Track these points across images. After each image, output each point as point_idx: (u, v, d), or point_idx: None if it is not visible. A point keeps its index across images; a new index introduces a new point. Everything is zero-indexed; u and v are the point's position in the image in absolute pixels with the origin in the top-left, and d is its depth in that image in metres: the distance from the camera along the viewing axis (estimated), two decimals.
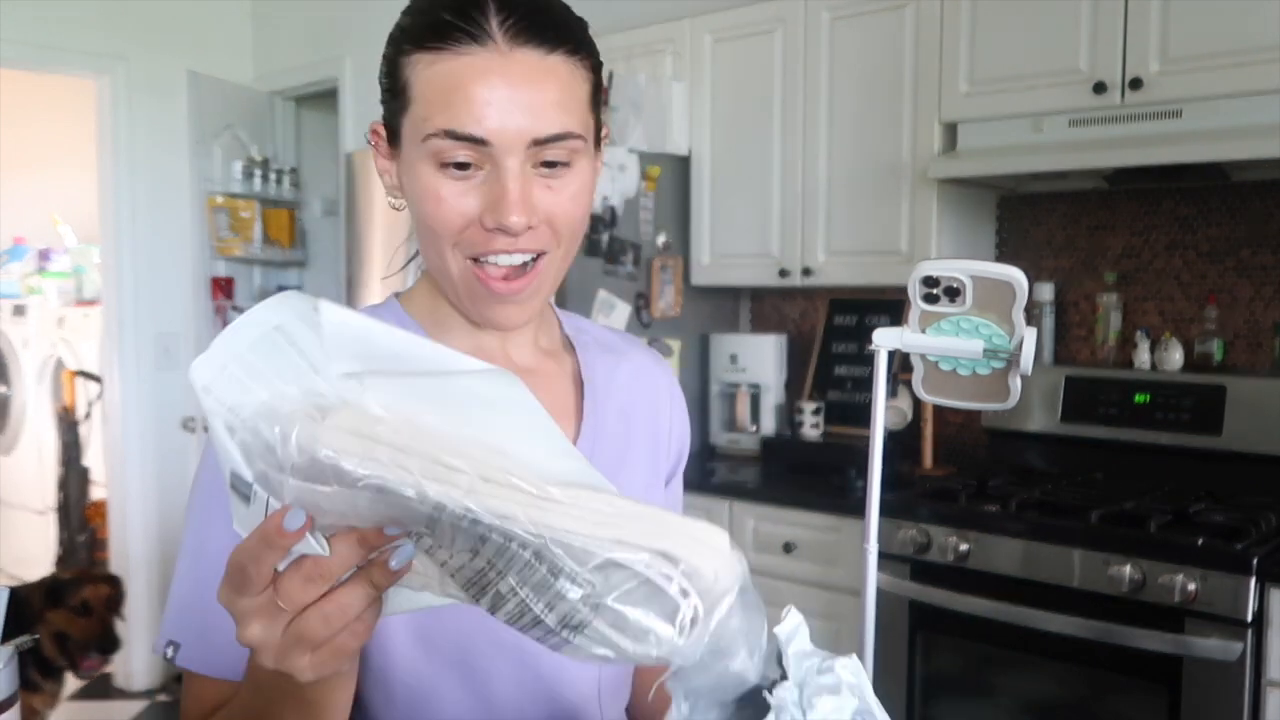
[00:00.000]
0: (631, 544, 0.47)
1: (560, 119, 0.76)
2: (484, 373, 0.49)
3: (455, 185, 0.76)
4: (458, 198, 0.76)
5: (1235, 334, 2.49)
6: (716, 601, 0.48)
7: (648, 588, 0.47)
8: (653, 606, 0.47)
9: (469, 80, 0.73)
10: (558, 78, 0.76)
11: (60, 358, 5.03)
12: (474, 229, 0.77)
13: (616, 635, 0.47)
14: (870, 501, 0.83)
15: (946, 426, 2.91)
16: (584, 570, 0.46)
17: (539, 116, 0.75)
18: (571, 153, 0.77)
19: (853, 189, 2.73)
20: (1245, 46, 2.09)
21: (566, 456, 0.50)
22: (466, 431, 0.48)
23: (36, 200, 5.65)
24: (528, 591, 0.47)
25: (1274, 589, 1.85)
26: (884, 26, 2.64)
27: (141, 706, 3.90)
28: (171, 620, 0.78)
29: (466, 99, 0.73)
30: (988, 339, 0.80)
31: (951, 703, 2.27)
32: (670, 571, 0.47)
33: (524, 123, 0.74)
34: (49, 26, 3.72)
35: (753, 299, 3.36)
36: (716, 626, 0.49)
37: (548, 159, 0.76)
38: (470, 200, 0.76)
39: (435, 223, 0.77)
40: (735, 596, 0.49)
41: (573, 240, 0.81)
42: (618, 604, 0.47)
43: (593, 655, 0.48)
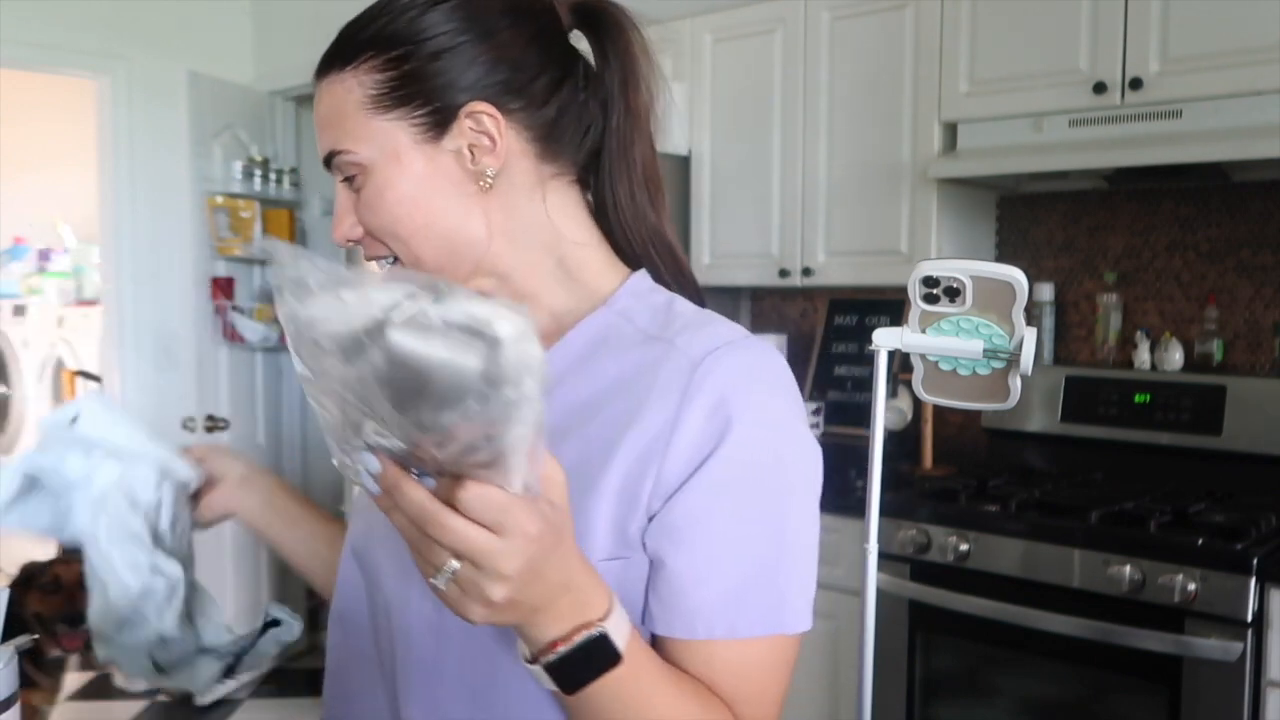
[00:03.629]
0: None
1: (326, 139, 0.81)
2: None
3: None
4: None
5: (1235, 334, 2.49)
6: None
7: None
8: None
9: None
10: (323, 101, 0.81)
11: (60, 358, 5.03)
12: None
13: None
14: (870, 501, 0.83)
15: (946, 426, 2.91)
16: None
17: (318, 141, 0.81)
18: (352, 166, 0.80)
19: (853, 189, 2.73)
20: (1245, 46, 2.09)
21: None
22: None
23: (36, 200, 5.65)
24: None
25: (1274, 589, 1.85)
26: (884, 26, 2.64)
27: (141, 706, 3.90)
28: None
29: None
30: (988, 339, 0.80)
31: (951, 703, 2.27)
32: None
33: (320, 145, 0.81)
34: (49, 26, 3.72)
35: (753, 299, 3.36)
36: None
37: (344, 175, 0.81)
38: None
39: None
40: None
41: (406, 244, 0.80)
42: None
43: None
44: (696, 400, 0.73)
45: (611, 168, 0.83)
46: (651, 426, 0.74)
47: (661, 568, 0.74)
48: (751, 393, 0.75)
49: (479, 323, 0.52)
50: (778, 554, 0.76)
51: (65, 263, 5.50)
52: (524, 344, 0.52)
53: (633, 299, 0.83)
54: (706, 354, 0.75)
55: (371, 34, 0.78)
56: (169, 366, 4.00)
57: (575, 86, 0.82)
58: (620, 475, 0.74)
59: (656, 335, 0.79)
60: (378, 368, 0.54)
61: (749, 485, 0.75)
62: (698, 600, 0.73)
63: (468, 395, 0.53)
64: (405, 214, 0.79)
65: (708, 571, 0.73)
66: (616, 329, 0.81)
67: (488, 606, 0.60)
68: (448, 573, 0.59)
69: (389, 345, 0.53)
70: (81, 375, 4.79)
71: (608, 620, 0.65)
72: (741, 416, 0.73)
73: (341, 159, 0.80)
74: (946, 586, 2.19)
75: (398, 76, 0.78)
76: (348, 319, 0.54)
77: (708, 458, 0.73)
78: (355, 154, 0.79)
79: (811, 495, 0.81)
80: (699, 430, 0.73)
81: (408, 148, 0.78)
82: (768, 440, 0.76)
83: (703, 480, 0.73)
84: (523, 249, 0.82)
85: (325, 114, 0.80)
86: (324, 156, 0.81)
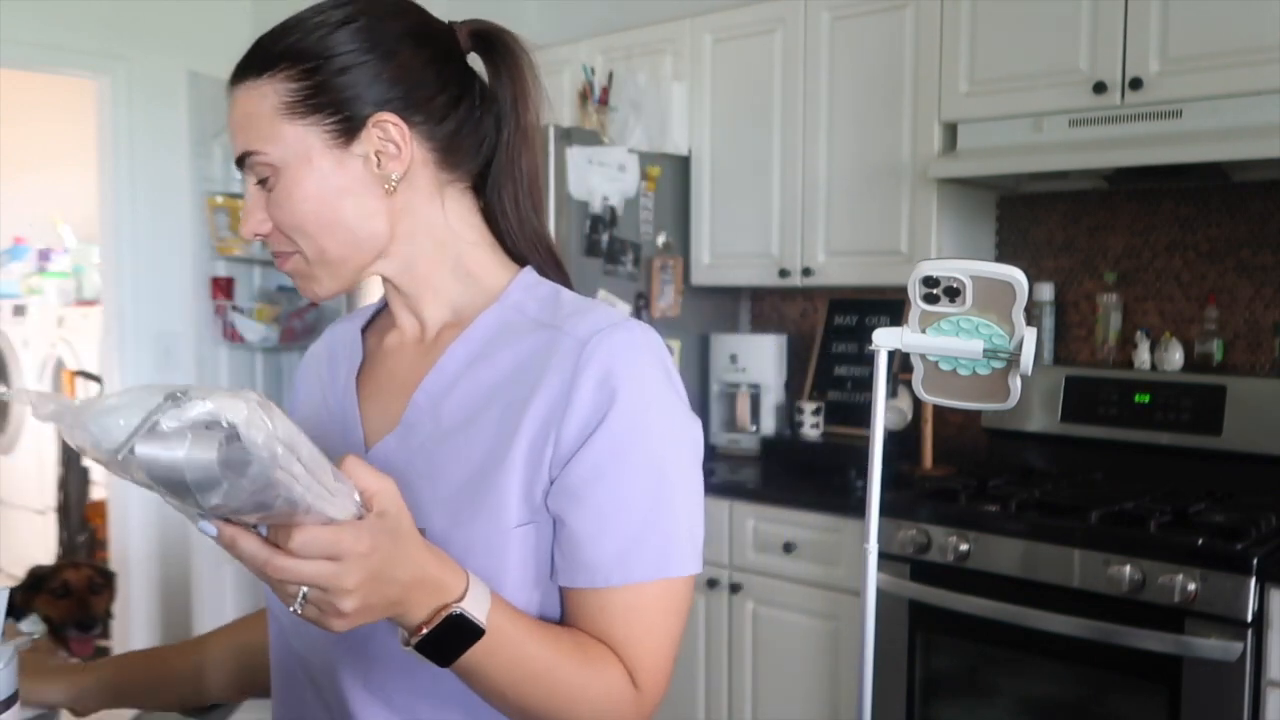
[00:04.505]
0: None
1: (239, 140, 0.87)
2: None
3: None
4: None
5: (1235, 334, 2.49)
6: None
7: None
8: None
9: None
10: (237, 106, 0.87)
11: (60, 358, 5.03)
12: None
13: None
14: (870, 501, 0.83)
15: (946, 426, 2.91)
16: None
17: (232, 142, 0.87)
18: (264, 167, 0.86)
19: (853, 189, 2.73)
20: (1245, 46, 2.09)
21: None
22: None
23: (36, 200, 5.64)
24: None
25: (1274, 589, 1.85)
26: (884, 26, 2.64)
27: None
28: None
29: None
30: (988, 339, 0.80)
31: (951, 703, 2.27)
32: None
33: (234, 145, 0.88)
34: (49, 26, 3.72)
35: (753, 299, 3.36)
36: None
37: (257, 177, 0.87)
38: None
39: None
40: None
41: (313, 239, 0.87)
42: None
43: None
44: (585, 374, 0.83)
45: (502, 177, 0.93)
46: (548, 400, 0.83)
47: (563, 526, 0.84)
48: (632, 366, 0.84)
49: (212, 416, 0.61)
50: (660, 507, 0.85)
51: (65, 263, 5.50)
52: (255, 420, 0.61)
53: (523, 292, 0.92)
54: (593, 334, 0.84)
55: (284, 47, 0.85)
56: (169, 366, 4.00)
57: (472, 104, 0.91)
58: (525, 447, 0.83)
59: (546, 322, 0.89)
60: (142, 477, 0.62)
61: (633, 448, 0.83)
62: (594, 553, 0.83)
63: (220, 480, 0.61)
64: (313, 211, 0.86)
65: (601, 527, 0.83)
66: (511, 320, 0.90)
67: (343, 617, 0.69)
68: (300, 599, 0.69)
69: (139, 459, 0.61)
70: (81, 375, 4.79)
71: (465, 599, 0.74)
72: (625, 388, 0.83)
73: (255, 159, 0.86)
74: (946, 586, 2.19)
75: (310, 86, 0.85)
76: (104, 442, 0.62)
77: (598, 426, 0.82)
78: (267, 155, 0.85)
79: (688, 454, 0.88)
80: (589, 401, 0.83)
81: (319, 151, 0.85)
82: (647, 408, 0.84)
83: (594, 446, 0.82)
84: (422, 246, 0.91)
85: (240, 118, 0.86)
86: (237, 158, 0.87)
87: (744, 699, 2.65)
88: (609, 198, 2.84)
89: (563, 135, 2.77)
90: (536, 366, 0.85)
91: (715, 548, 2.68)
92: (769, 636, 2.60)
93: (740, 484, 2.71)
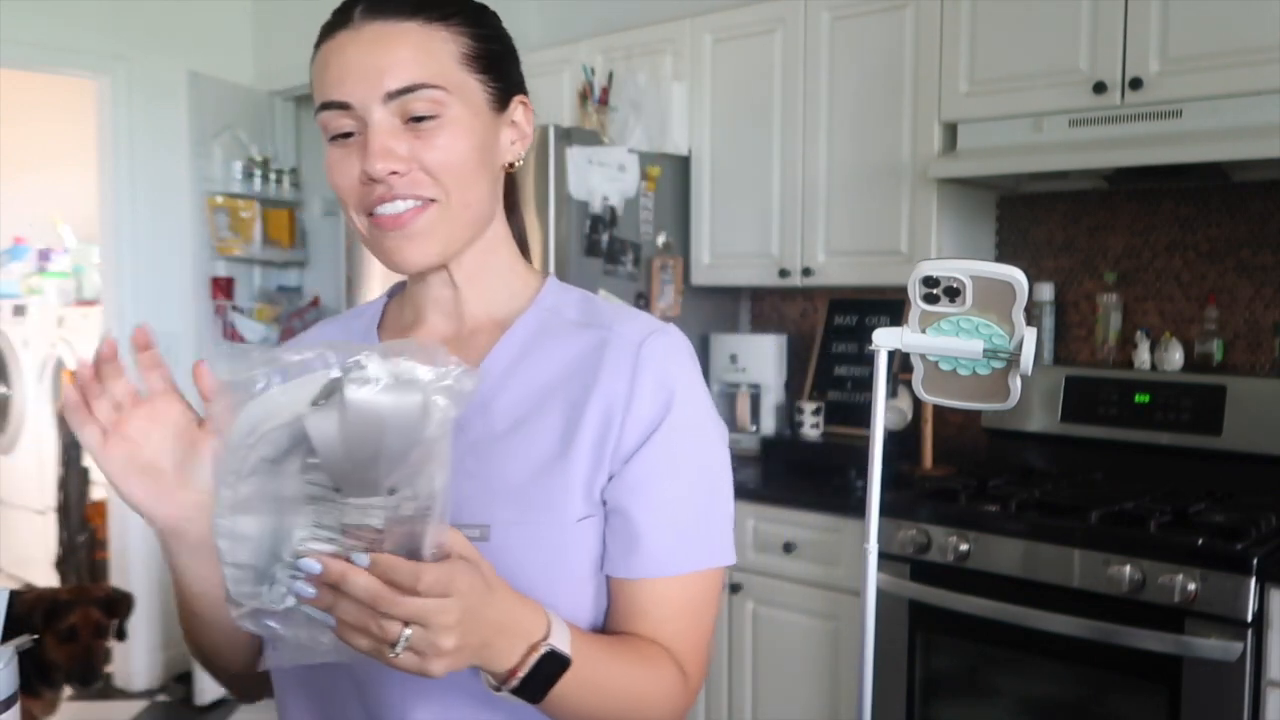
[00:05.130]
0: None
1: (411, 73, 0.84)
2: None
3: (340, 152, 0.87)
4: (342, 162, 0.86)
5: (1235, 334, 2.49)
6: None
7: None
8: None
9: (329, 55, 0.86)
10: (409, 39, 0.85)
11: (60, 358, 5.03)
12: (360, 187, 0.86)
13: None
14: (870, 501, 0.83)
15: (946, 426, 2.91)
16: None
17: (389, 73, 0.84)
18: (434, 104, 0.85)
19: (853, 189, 2.73)
20: (1245, 46, 2.09)
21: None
22: None
23: (36, 200, 5.65)
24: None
25: (1274, 589, 1.85)
26: (884, 26, 2.64)
27: (141, 706, 3.90)
28: None
29: (330, 73, 0.85)
30: (988, 339, 0.80)
31: (951, 703, 2.27)
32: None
33: (375, 80, 0.84)
34: (49, 26, 3.72)
35: (753, 299, 3.36)
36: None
37: (415, 113, 0.85)
38: (352, 161, 0.86)
39: (335, 189, 0.88)
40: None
41: (461, 189, 0.87)
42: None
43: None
44: (644, 375, 0.88)
45: (518, 178, 0.98)
46: (607, 398, 0.87)
47: (624, 519, 0.87)
48: (684, 369, 0.91)
49: (406, 372, 0.64)
50: (710, 501, 0.91)
51: (65, 263, 5.50)
52: (439, 386, 0.65)
53: (556, 296, 0.96)
54: (645, 336, 0.90)
55: (448, 8, 0.88)
56: (169, 366, 4.00)
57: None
58: (588, 444, 0.87)
59: (589, 324, 0.93)
60: (333, 433, 0.63)
61: (689, 446, 0.90)
62: (655, 544, 0.87)
63: (417, 431, 0.64)
64: (472, 159, 0.87)
65: (661, 519, 0.87)
66: (548, 323, 0.94)
67: (443, 656, 0.69)
68: (404, 641, 0.67)
69: (346, 403, 0.63)
70: None
71: (551, 636, 0.76)
72: (681, 389, 0.89)
73: (428, 93, 0.85)
74: (946, 586, 2.19)
75: (483, 49, 0.89)
76: (294, 403, 0.65)
77: (657, 427, 0.88)
78: (445, 92, 0.85)
79: (725, 451, 0.94)
80: (650, 401, 0.88)
81: (482, 108, 0.89)
82: (698, 409, 0.91)
83: (655, 443, 0.87)
84: (489, 239, 0.94)
85: (411, 53, 0.85)
86: (399, 88, 0.84)
87: (744, 699, 2.65)
88: (609, 198, 2.84)
89: (563, 135, 2.77)
90: (590, 366, 0.89)
91: None
92: (769, 636, 2.60)
93: (740, 484, 2.68)
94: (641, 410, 0.87)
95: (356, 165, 0.85)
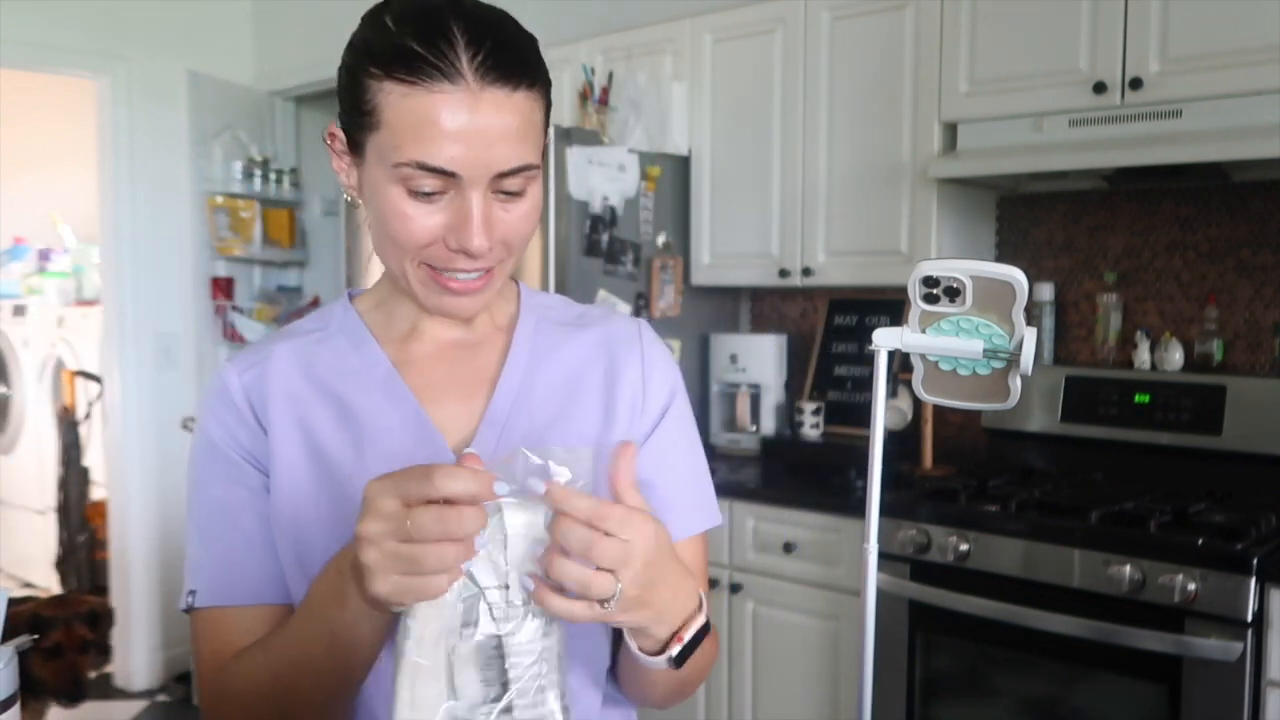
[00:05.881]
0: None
1: (520, 153, 0.82)
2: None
3: (422, 208, 0.82)
4: (424, 218, 0.82)
5: (1235, 334, 2.49)
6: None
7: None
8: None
9: (442, 118, 0.79)
10: (520, 114, 0.81)
11: (60, 358, 5.03)
12: (437, 246, 0.84)
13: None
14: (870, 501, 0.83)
15: (946, 426, 2.91)
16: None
17: (504, 152, 0.81)
18: (527, 181, 0.84)
19: (853, 189, 2.73)
20: (1245, 46, 2.09)
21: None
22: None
23: (36, 200, 5.65)
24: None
25: (1274, 589, 1.85)
26: (884, 26, 2.64)
27: (141, 706, 3.90)
28: (189, 574, 0.93)
29: (439, 135, 0.79)
30: (988, 339, 0.80)
31: (951, 703, 2.27)
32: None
33: (490, 158, 0.80)
34: (49, 26, 3.72)
35: (753, 299, 3.36)
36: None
37: (508, 189, 0.83)
38: (435, 220, 0.82)
39: (401, 238, 0.84)
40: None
41: (521, 250, 0.90)
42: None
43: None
44: (652, 359, 0.98)
45: None
46: (629, 382, 0.97)
47: (651, 491, 0.92)
48: (670, 354, 1.03)
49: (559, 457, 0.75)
50: (704, 468, 1.02)
51: (65, 263, 5.50)
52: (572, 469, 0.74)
53: (534, 296, 1.01)
54: (637, 330, 1.00)
55: (540, 65, 0.85)
56: (169, 366, 4.00)
57: None
58: (623, 424, 0.96)
59: (578, 321, 1.00)
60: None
61: (686, 421, 1.01)
62: (676, 509, 0.95)
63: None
64: (534, 225, 0.89)
65: (680, 487, 0.97)
66: (540, 322, 0.99)
67: (646, 606, 0.75)
68: (617, 594, 0.72)
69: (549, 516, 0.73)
70: (81, 375, 4.80)
71: (703, 608, 0.83)
72: (677, 374, 1.01)
73: (527, 173, 0.84)
74: (946, 586, 2.19)
75: (548, 105, 0.87)
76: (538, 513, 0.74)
77: (669, 406, 0.98)
78: (539, 170, 0.85)
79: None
80: (661, 381, 0.99)
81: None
82: (683, 386, 1.02)
83: (670, 419, 0.98)
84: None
85: (521, 126, 0.82)
86: (509, 170, 0.82)
87: (744, 699, 2.65)
88: (609, 198, 2.84)
89: (563, 135, 2.77)
90: (604, 356, 0.97)
91: (715, 547, 2.68)
92: (769, 636, 2.60)
93: (740, 484, 2.71)
94: (658, 389, 0.97)
95: (439, 225, 0.82)
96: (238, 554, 0.90)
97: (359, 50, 0.83)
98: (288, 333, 0.98)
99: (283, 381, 0.92)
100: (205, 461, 0.92)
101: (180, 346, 4.01)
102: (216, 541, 0.91)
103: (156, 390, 3.98)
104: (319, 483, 0.90)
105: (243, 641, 0.88)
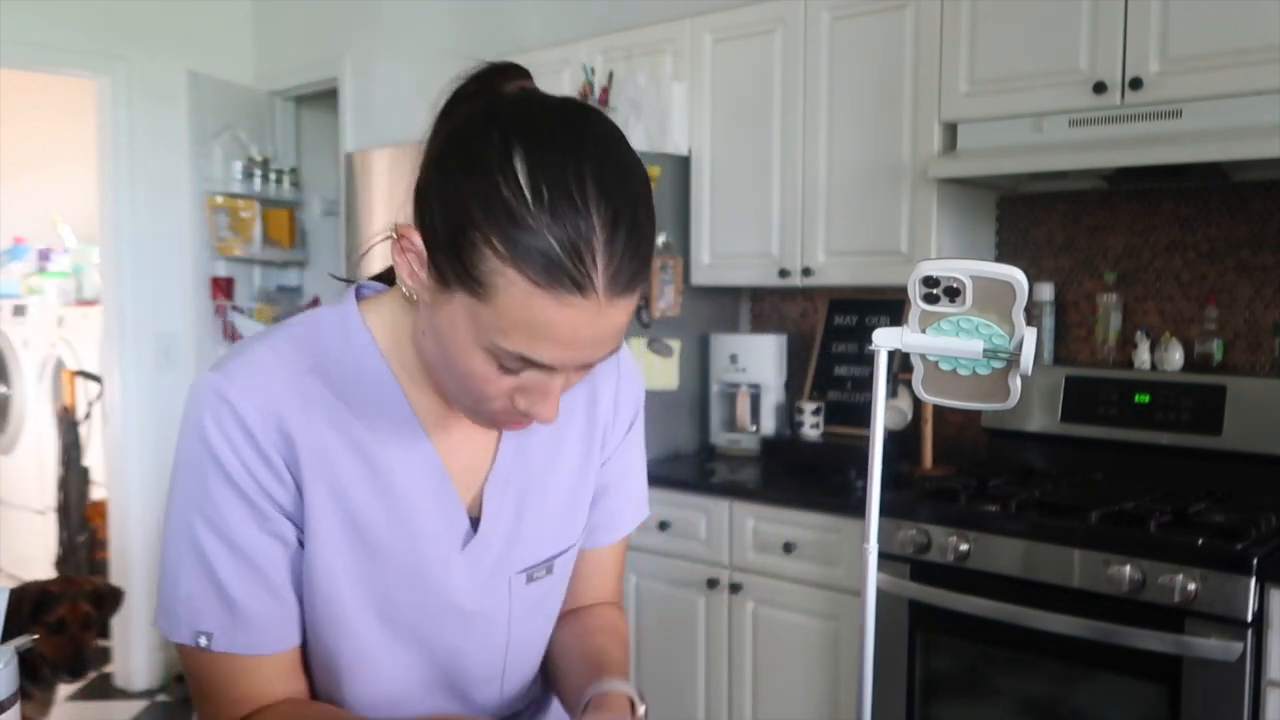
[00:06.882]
0: None
1: (610, 349, 0.79)
2: None
3: (505, 379, 0.79)
4: (501, 382, 0.80)
5: (1235, 334, 2.49)
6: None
7: None
8: None
9: (563, 330, 0.74)
10: (628, 313, 0.78)
11: (60, 358, 5.03)
12: (507, 406, 0.82)
13: None
14: (870, 501, 0.83)
15: (946, 426, 2.91)
16: None
17: (607, 350, 0.79)
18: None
19: (853, 189, 2.73)
20: (1245, 46, 2.09)
21: None
22: None
23: (36, 200, 5.65)
24: None
25: (1274, 589, 1.85)
26: (884, 26, 2.64)
27: (141, 706, 3.90)
28: (193, 612, 0.86)
29: (554, 341, 0.75)
30: (988, 339, 0.80)
31: (951, 703, 2.27)
32: None
33: (594, 357, 0.79)
34: (49, 26, 3.72)
35: (753, 299, 3.36)
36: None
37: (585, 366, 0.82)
38: (511, 384, 0.80)
39: (473, 393, 0.81)
40: None
41: None
42: None
43: None
44: (625, 377, 1.04)
45: None
46: (606, 403, 1.02)
47: (610, 497, 1.04)
48: (638, 368, 1.08)
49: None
50: (645, 466, 1.10)
51: (65, 263, 5.50)
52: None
53: None
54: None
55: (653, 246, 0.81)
56: (169, 366, 4.00)
57: None
58: (596, 454, 1.02)
59: None
60: None
61: (641, 427, 1.08)
62: (628, 513, 1.07)
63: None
64: None
65: (632, 491, 1.07)
66: None
67: None
68: None
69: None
70: (81, 375, 4.79)
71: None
72: (641, 390, 1.07)
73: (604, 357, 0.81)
74: (946, 586, 2.19)
75: None
76: None
77: (635, 418, 1.06)
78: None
79: None
80: (630, 399, 1.05)
81: None
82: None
83: (634, 433, 1.06)
84: None
85: (621, 326, 0.78)
86: (599, 358, 0.79)
87: (744, 699, 2.65)
88: None
89: None
90: (587, 383, 0.99)
91: (715, 547, 2.68)
92: (769, 636, 2.60)
93: (740, 484, 2.71)
94: (628, 407, 1.04)
95: (513, 386, 0.80)
96: (263, 606, 0.86)
97: (480, 205, 0.73)
98: (286, 345, 0.88)
99: (309, 436, 0.85)
100: (219, 491, 0.84)
101: (180, 346, 4.01)
102: (239, 590, 0.85)
103: (156, 390, 3.97)
104: (355, 553, 0.88)
105: (269, 690, 0.88)
